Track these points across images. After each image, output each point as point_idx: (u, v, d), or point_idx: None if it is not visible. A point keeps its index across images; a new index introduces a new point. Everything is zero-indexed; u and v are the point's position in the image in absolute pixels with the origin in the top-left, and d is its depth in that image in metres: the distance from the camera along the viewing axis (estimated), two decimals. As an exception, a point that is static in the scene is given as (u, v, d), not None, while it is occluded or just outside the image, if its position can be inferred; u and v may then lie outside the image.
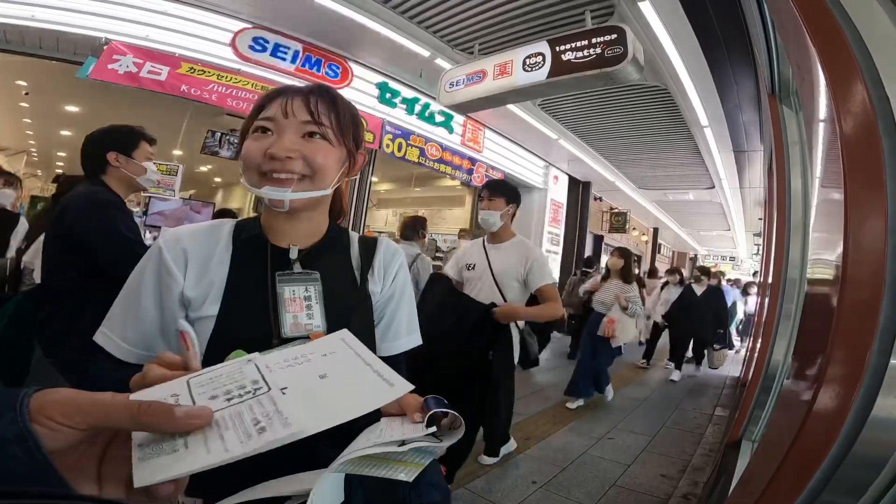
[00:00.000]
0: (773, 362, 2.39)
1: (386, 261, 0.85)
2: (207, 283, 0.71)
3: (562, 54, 3.42)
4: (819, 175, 1.10)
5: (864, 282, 0.76)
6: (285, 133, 0.71)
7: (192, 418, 0.35)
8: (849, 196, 0.73)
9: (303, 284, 0.74)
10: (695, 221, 13.34)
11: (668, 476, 2.85)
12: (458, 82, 4.19)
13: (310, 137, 0.72)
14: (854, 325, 0.78)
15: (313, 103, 0.73)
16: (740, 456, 2.20)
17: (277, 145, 0.69)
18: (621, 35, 3.14)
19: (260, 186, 0.70)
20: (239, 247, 0.75)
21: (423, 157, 5.64)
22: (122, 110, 6.31)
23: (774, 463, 0.97)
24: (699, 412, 4.38)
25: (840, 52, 0.69)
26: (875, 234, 0.72)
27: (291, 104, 0.72)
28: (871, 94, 0.64)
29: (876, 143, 0.65)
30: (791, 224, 2.28)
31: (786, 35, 1.23)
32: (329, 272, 0.77)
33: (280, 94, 0.75)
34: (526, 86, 3.64)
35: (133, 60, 3.67)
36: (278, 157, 0.69)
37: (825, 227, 1.03)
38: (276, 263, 0.74)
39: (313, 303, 0.73)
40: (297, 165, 0.70)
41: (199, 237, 0.75)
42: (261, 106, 0.75)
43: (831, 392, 0.83)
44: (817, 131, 1.06)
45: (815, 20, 0.76)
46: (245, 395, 0.40)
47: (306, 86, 0.78)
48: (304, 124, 0.72)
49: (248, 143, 0.72)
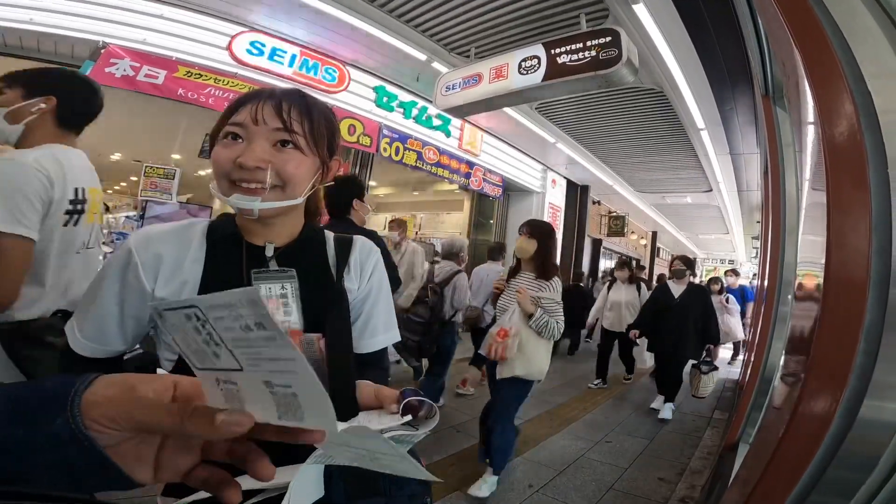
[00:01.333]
0: (770, 365, 2.39)
1: (362, 259, 0.84)
2: (180, 282, 0.70)
3: (557, 57, 3.43)
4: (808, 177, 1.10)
5: (848, 283, 0.76)
6: (255, 141, 0.69)
7: (232, 425, 0.34)
8: (832, 196, 0.72)
9: (279, 282, 0.73)
10: (693, 225, 13.35)
11: (666, 479, 2.83)
12: (455, 86, 4.20)
13: (281, 146, 0.70)
14: (839, 326, 0.77)
15: (286, 109, 0.71)
16: (738, 459, 2.19)
17: (247, 154, 0.67)
18: (616, 37, 3.15)
19: (229, 195, 0.69)
20: (213, 245, 0.74)
21: (420, 160, 5.65)
22: (119, 114, 6.35)
23: (763, 465, 0.97)
24: (697, 415, 4.36)
25: (822, 50, 0.69)
26: (859, 233, 0.72)
27: (262, 110, 0.70)
28: (854, 92, 0.64)
29: (859, 142, 0.65)
30: (786, 227, 2.28)
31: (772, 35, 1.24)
32: (305, 270, 0.76)
33: (251, 99, 0.72)
34: (522, 89, 3.65)
35: (130, 64, 3.67)
36: (247, 167, 0.67)
37: (813, 230, 1.02)
38: (252, 261, 0.73)
39: (290, 300, 0.73)
40: (267, 175, 0.68)
41: (171, 237, 0.73)
42: (232, 109, 0.72)
43: (818, 393, 0.82)
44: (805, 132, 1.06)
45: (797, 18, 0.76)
46: None
47: (280, 90, 0.75)
48: (275, 132, 0.70)
49: (217, 150, 0.70)
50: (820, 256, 0.81)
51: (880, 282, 0.71)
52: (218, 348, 0.33)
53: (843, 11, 0.71)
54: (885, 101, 0.64)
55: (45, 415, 0.30)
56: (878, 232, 0.69)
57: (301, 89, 0.79)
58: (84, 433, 0.30)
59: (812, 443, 0.76)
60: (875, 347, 0.71)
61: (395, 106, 5.31)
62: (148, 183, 4.87)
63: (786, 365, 1.49)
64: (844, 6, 0.71)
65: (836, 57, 0.69)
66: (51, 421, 0.30)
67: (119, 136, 8.09)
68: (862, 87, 0.67)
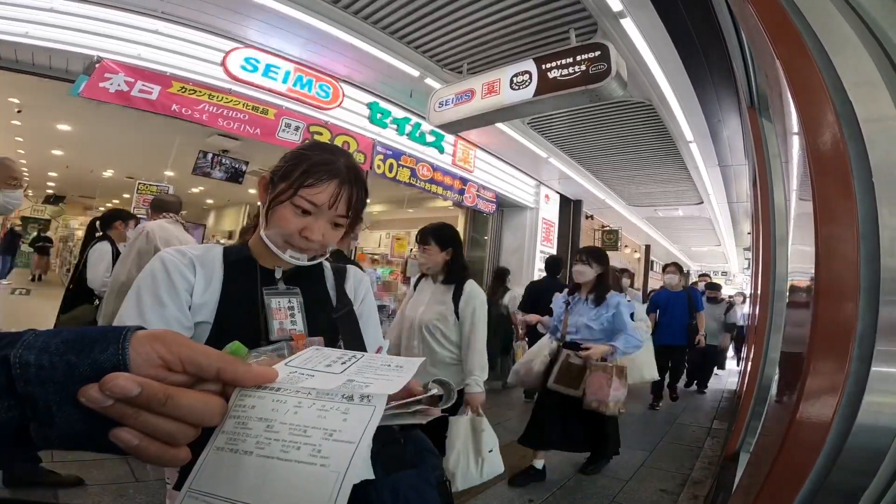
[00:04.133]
0: (767, 374, 2.39)
1: (355, 285, 1.02)
2: (209, 293, 0.85)
3: (548, 72, 3.49)
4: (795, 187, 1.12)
5: (839, 290, 0.76)
6: (321, 219, 0.84)
7: (262, 374, 0.37)
8: (818, 205, 0.73)
9: (287, 297, 0.89)
10: (685, 237, 13.45)
11: (668, 491, 2.80)
12: (448, 102, 4.24)
13: (335, 226, 0.87)
14: (833, 333, 0.77)
15: (354, 199, 0.86)
16: (739, 468, 2.18)
17: (313, 231, 0.83)
18: (605, 52, 3.21)
19: (283, 250, 0.85)
20: (230, 267, 0.88)
21: (414, 177, 5.67)
22: (112, 130, 6.35)
23: (764, 474, 0.96)
24: (697, 426, 4.34)
25: (803, 60, 0.71)
26: (847, 242, 0.72)
27: (341, 198, 0.84)
28: (835, 102, 0.65)
29: (842, 151, 0.66)
30: (776, 237, 2.30)
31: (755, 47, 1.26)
32: (308, 289, 0.93)
33: (332, 179, 0.84)
34: (513, 104, 3.69)
35: (124, 79, 3.66)
36: (311, 240, 0.84)
37: (802, 239, 1.03)
38: (264, 281, 0.89)
39: (296, 312, 0.89)
40: (318, 246, 0.87)
41: (200, 254, 0.88)
42: (311, 175, 0.83)
43: (815, 400, 0.82)
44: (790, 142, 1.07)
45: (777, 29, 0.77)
46: (351, 360, 0.44)
47: (353, 172, 0.88)
48: (338, 217, 0.86)
49: (286, 214, 0.83)
50: (810, 266, 0.82)
51: (870, 288, 0.71)
52: None
53: (821, 22, 0.73)
54: (866, 109, 0.65)
55: (102, 343, 0.33)
56: (865, 240, 0.70)
57: (363, 171, 0.92)
58: (125, 363, 0.32)
59: (812, 450, 0.76)
60: (869, 353, 0.72)
61: (388, 122, 5.34)
62: (141, 200, 4.84)
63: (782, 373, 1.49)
64: (822, 16, 0.72)
65: (817, 67, 0.70)
66: (103, 349, 0.33)
67: (112, 152, 8.11)
68: (843, 97, 0.68)
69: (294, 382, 0.38)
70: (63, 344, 0.32)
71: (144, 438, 0.32)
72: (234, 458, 0.34)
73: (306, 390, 0.37)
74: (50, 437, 0.32)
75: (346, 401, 0.36)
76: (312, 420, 0.35)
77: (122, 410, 0.32)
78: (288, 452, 0.33)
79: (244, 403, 0.36)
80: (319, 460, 0.33)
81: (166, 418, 0.33)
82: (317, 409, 0.35)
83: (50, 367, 0.31)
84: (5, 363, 0.31)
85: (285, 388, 0.37)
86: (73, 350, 0.32)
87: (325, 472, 0.32)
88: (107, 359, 0.32)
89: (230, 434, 0.35)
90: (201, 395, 0.35)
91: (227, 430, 0.35)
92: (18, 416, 0.31)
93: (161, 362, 0.34)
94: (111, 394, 0.31)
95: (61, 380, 0.31)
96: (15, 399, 0.31)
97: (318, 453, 0.33)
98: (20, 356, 0.31)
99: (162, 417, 0.33)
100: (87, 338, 0.33)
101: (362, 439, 0.34)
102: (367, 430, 0.34)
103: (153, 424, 0.33)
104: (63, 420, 0.31)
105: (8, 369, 0.31)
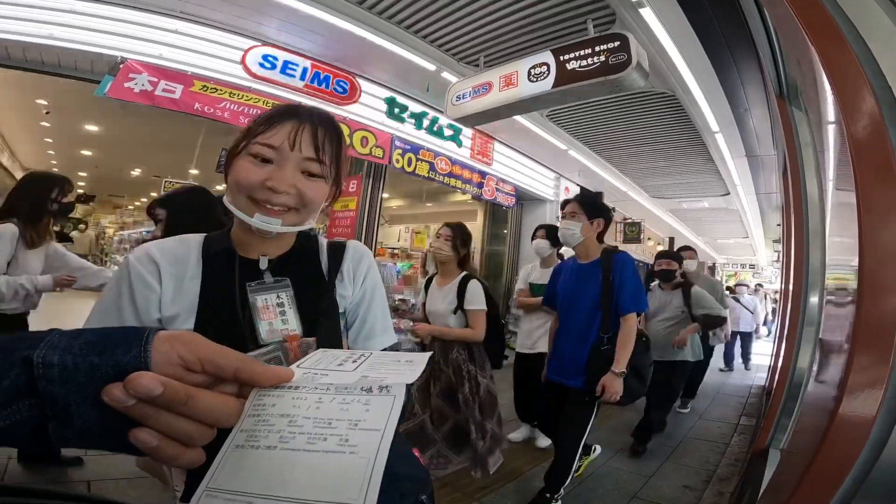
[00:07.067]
0: (799, 369, 2.33)
1: (354, 265, 0.86)
2: (182, 299, 0.72)
3: (566, 63, 3.43)
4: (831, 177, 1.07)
5: (884, 284, 0.73)
6: (287, 165, 0.71)
7: (278, 373, 0.38)
8: (861, 195, 0.70)
9: (274, 292, 0.75)
10: (711, 229, 13.12)
11: (692, 487, 2.76)
12: (465, 95, 4.22)
13: (310, 176, 0.73)
14: (877, 328, 0.74)
15: (321, 137, 0.73)
16: (768, 464, 2.14)
17: (278, 178, 0.70)
18: (624, 42, 3.14)
19: (250, 213, 0.71)
20: (209, 261, 0.76)
21: (432, 171, 5.66)
22: (139, 130, 6.52)
23: (801, 471, 0.93)
24: (724, 422, 4.25)
25: (838, 46, 0.67)
26: (891, 231, 0.69)
27: (301, 135, 0.72)
28: (874, 87, 0.62)
29: (884, 138, 0.63)
30: (809, 229, 2.22)
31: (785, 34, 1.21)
32: (300, 278, 0.78)
33: (287, 118, 0.73)
34: (532, 96, 3.64)
35: (148, 79, 3.74)
36: (277, 191, 0.70)
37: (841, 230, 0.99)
38: (246, 275, 0.75)
39: (286, 308, 0.75)
40: (292, 200, 0.72)
41: (170, 253, 0.75)
42: (266, 122, 0.73)
43: (856, 397, 0.79)
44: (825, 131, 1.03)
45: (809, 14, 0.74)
46: (360, 358, 0.44)
47: (316, 113, 0.77)
48: (306, 161, 0.72)
49: (245, 166, 0.71)
50: (852, 258, 0.79)
51: (916, 282, 0.68)
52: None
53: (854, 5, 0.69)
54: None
55: (125, 345, 0.33)
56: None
57: (332, 115, 0.81)
58: (147, 364, 0.33)
59: (854, 445, 0.73)
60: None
61: (406, 117, 5.34)
62: (167, 198, 4.95)
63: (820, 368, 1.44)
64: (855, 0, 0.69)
65: (853, 53, 0.67)
66: (126, 351, 0.33)
67: (139, 151, 8.34)
68: (882, 82, 0.65)
69: (310, 381, 0.39)
70: (86, 345, 0.33)
71: (163, 439, 0.33)
72: (256, 453, 0.34)
73: (325, 386, 0.38)
74: (68, 436, 0.32)
75: (366, 392, 0.37)
76: (336, 413, 0.35)
77: (143, 410, 0.32)
78: (314, 444, 0.34)
79: (263, 403, 0.37)
80: (348, 448, 0.33)
81: (186, 419, 0.34)
82: (338, 402, 0.36)
83: (73, 368, 0.32)
84: (27, 363, 0.31)
85: (303, 385, 0.38)
86: (95, 351, 0.33)
87: (355, 459, 0.33)
88: (129, 360, 0.33)
89: (250, 432, 0.35)
90: (220, 395, 0.36)
91: (245, 429, 0.35)
92: (38, 414, 0.31)
93: (181, 362, 0.34)
94: (135, 393, 0.31)
95: (83, 380, 0.32)
96: (36, 398, 0.31)
97: (345, 442, 0.34)
98: (43, 356, 0.31)
99: (181, 418, 0.33)
100: (109, 339, 0.34)
101: (387, 427, 0.34)
102: (391, 418, 0.35)
103: (173, 425, 0.33)
104: (82, 420, 0.32)
105: (30, 369, 0.31)
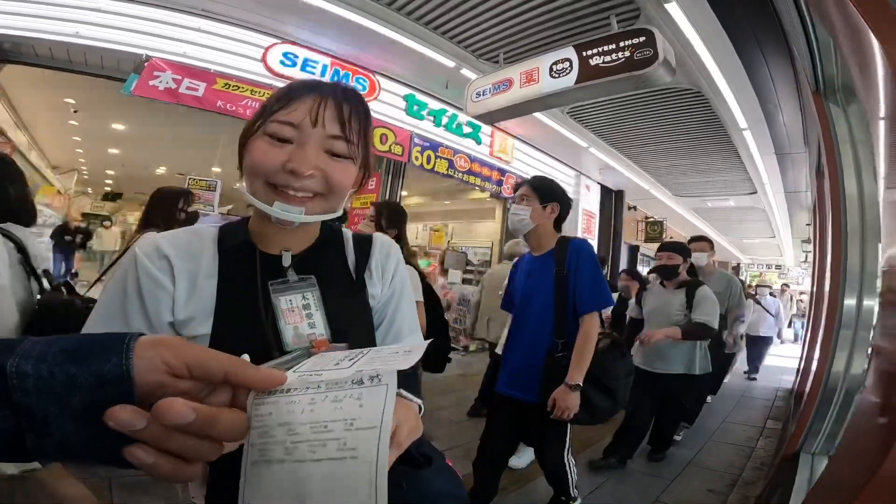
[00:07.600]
0: (834, 373, 2.24)
1: (382, 260, 0.78)
2: (197, 299, 0.64)
3: (589, 59, 3.36)
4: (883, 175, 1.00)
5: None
6: (309, 144, 0.62)
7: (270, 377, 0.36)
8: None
9: (299, 292, 0.67)
10: (736, 229, 12.74)
11: (716, 491, 2.68)
12: (485, 92, 4.17)
13: (334, 157, 0.64)
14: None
15: (346, 113, 0.64)
16: (799, 469, 2.07)
17: (299, 159, 0.61)
18: (650, 37, 3.06)
19: (269, 201, 0.62)
20: (225, 256, 0.67)
21: (451, 168, 5.64)
22: (163, 128, 6.66)
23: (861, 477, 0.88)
24: (749, 425, 4.12)
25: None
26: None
27: (324, 111, 0.63)
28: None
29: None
30: (847, 229, 2.13)
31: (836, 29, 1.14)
32: (326, 276, 0.70)
33: (309, 93, 0.64)
34: (554, 92, 3.58)
35: (172, 77, 3.82)
36: (300, 174, 0.61)
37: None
38: (268, 272, 0.67)
39: (313, 310, 0.67)
40: (316, 184, 0.63)
41: (183, 246, 0.66)
42: (284, 98, 0.64)
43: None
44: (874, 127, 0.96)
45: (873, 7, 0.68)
46: (358, 356, 0.42)
47: (338, 86, 0.67)
48: (330, 139, 0.63)
49: (261, 147, 0.63)
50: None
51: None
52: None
53: None
54: None
55: (103, 353, 0.31)
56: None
57: (357, 89, 0.72)
58: (129, 374, 0.31)
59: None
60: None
61: (425, 114, 5.33)
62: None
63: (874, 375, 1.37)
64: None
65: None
66: (106, 360, 0.31)
67: (163, 149, 8.53)
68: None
69: (302, 382, 0.38)
70: (62, 353, 0.31)
71: (161, 456, 0.31)
72: (269, 469, 0.34)
73: (315, 384, 0.37)
74: (46, 449, 0.30)
75: (357, 385, 0.36)
76: (329, 413, 0.35)
77: (155, 433, 0.30)
78: (316, 452, 0.33)
79: (261, 412, 0.36)
80: (348, 453, 0.33)
81: (199, 438, 0.32)
82: (330, 400, 0.35)
83: (48, 377, 0.30)
84: (1, 373, 0.29)
85: (295, 388, 0.37)
86: (72, 360, 0.30)
87: (357, 465, 0.32)
88: (110, 369, 0.30)
89: (258, 447, 0.35)
90: (235, 411, 0.34)
91: (254, 444, 0.35)
92: (14, 425, 0.29)
93: (166, 368, 0.32)
94: (169, 423, 0.29)
95: (59, 391, 0.30)
96: (10, 409, 0.29)
97: (344, 446, 0.33)
98: (17, 366, 0.29)
99: (194, 437, 0.31)
100: (86, 346, 0.31)
101: (383, 422, 0.34)
102: (385, 410, 0.34)
103: (185, 444, 0.31)
104: (60, 432, 0.30)
105: (4, 379, 0.29)
